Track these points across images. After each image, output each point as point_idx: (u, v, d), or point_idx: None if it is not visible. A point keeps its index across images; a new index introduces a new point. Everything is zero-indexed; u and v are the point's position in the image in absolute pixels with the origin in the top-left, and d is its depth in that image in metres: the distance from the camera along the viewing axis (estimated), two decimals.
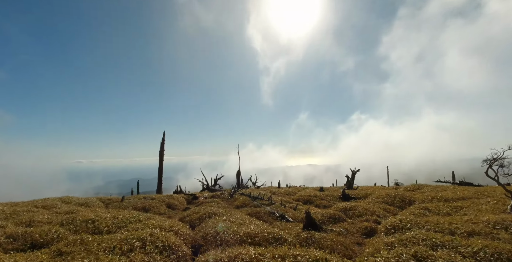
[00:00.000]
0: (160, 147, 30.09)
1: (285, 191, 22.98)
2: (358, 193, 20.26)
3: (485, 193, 15.39)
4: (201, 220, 11.62)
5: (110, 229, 8.99)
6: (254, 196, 18.02)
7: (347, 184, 26.08)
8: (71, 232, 8.73)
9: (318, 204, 17.55)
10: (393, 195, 16.74)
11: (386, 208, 14.64)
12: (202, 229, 9.86)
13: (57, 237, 8.13)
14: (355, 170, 26.45)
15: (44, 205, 13.88)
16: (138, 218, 10.31)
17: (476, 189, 17.16)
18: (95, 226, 9.16)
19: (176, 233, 8.80)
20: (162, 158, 30.09)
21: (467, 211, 12.05)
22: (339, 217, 12.32)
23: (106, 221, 9.56)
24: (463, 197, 15.00)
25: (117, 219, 9.85)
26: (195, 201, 19.68)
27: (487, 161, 11.84)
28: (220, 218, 10.89)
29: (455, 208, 12.75)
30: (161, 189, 29.26)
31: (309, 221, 9.91)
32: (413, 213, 12.15)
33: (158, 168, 29.93)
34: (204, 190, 30.53)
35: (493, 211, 11.41)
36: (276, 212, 13.37)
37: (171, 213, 15.43)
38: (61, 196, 17.74)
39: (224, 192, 22.77)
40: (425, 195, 16.50)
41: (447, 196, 15.54)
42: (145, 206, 15.72)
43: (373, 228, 10.63)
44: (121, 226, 9.27)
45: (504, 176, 12.07)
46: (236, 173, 33.64)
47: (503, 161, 11.65)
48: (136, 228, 8.88)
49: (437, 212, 12.19)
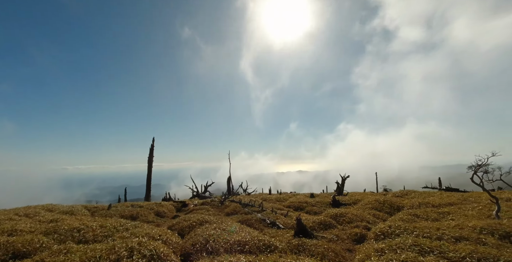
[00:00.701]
0: (149, 153, 29.62)
1: (276, 198, 22.90)
2: (348, 199, 20.38)
3: (471, 198, 15.74)
4: (191, 228, 11.41)
5: (96, 238, 8.73)
6: (245, 203, 17.87)
7: (337, 190, 26.21)
8: (55, 241, 8.42)
9: (309, 211, 17.54)
10: (382, 201, 16.93)
11: (375, 214, 14.76)
12: (192, 237, 9.67)
13: (40, 247, 7.82)
14: (345, 176, 26.65)
15: (27, 213, 13.37)
16: (126, 226, 10.05)
17: (462, 194, 17.55)
18: (80, 235, 8.87)
19: (165, 242, 8.61)
20: (151, 164, 29.59)
21: (454, 216, 12.27)
22: (330, 224, 12.33)
23: (92, 229, 9.27)
24: (450, 203, 15.30)
25: (104, 227, 9.58)
26: (185, 209, 19.36)
27: (472, 167, 12.15)
28: (210, 226, 10.72)
29: (443, 213, 12.96)
30: (149, 196, 28.68)
31: (300, 227, 9.88)
32: (402, 218, 12.29)
33: (147, 174, 29.40)
34: (194, 197, 30.08)
35: (479, 216, 11.67)
36: (267, 219, 13.27)
37: (159, 221, 15.10)
38: (44, 203, 17.15)
39: (214, 199, 22.50)
40: (413, 201, 16.75)
41: (434, 201, 15.81)
42: (132, 214, 15.34)
43: (363, 234, 10.68)
44: (108, 235, 9.01)
45: (489, 181, 12.40)
46: (227, 180, 33.37)
47: (487, 167, 11.97)
48: (123, 236, 8.64)
49: (425, 218, 12.36)
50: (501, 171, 13.50)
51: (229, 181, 33.27)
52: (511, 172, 13.84)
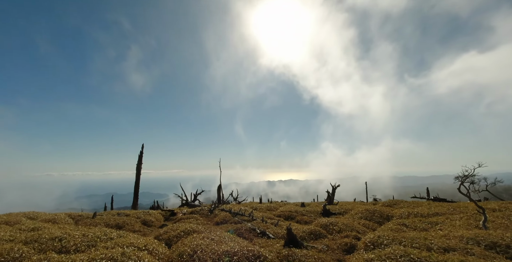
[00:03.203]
0: (138, 160, 29.05)
1: (266, 207, 22.66)
2: (339, 208, 20.36)
3: (458, 209, 15.95)
4: (178, 238, 11.11)
5: (78, 247, 8.39)
6: (235, 212, 17.60)
7: (327, 199, 26.17)
8: (35, 251, 8.05)
9: (299, 220, 17.40)
10: (371, 210, 16.97)
11: (365, 223, 14.76)
12: (179, 247, 9.40)
13: (20, 256, 7.46)
14: (335, 185, 26.67)
15: (7, 221, 12.80)
16: (110, 235, 9.71)
17: (449, 205, 17.77)
18: (62, 245, 8.51)
19: (151, 252, 8.34)
20: (139, 171, 28.98)
21: (442, 226, 12.37)
22: (320, 233, 12.23)
23: (75, 239, 8.92)
24: (437, 213, 15.45)
25: (87, 236, 9.23)
26: (173, 217, 18.91)
27: (459, 178, 12.39)
28: (199, 236, 10.47)
29: (431, 223, 13.06)
30: (137, 204, 27.96)
31: (291, 237, 9.75)
32: (391, 228, 12.31)
33: (135, 182, 28.73)
34: (183, 205, 29.48)
35: (467, 226, 11.80)
36: (257, 229, 13.08)
37: (146, 230, 14.68)
38: (26, 211, 16.47)
39: (204, 207, 22.09)
40: (402, 211, 16.85)
41: (422, 211, 15.95)
42: (118, 223, 14.88)
43: (353, 244, 10.62)
44: (91, 244, 8.68)
45: (475, 192, 12.65)
46: (217, 188, 32.92)
47: (474, 178, 12.22)
48: (107, 246, 8.33)
49: (413, 228, 12.42)
50: (487, 181, 13.82)
51: (219, 189, 32.84)
52: (496, 183, 14.16)
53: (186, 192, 30.73)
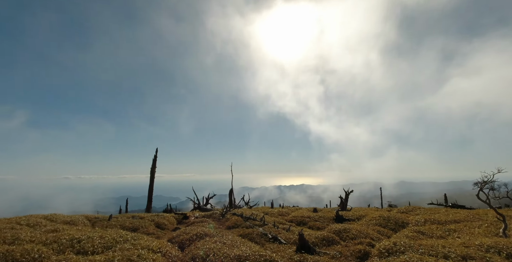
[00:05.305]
0: (152, 164, 29.61)
1: (278, 212, 22.55)
2: (352, 214, 20.02)
3: (477, 216, 15.40)
4: (191, 241, 11.25)
5: (96, 249, 8.65)
6: (247, 216, 17.63)
7: (340, 205, 25.78)
8: (54, 252, 8.36)
9: (311, 226, 17.22)
10: (386, 217, 16.59)
11: (379, 230, 14.45)
12: (192, 250, 9.54)
13: (39, 257, 7.76)
14: (348, 190, 26.26)
15: (28, 223, 13.32)
16: (126, 238, 9.96)
17: (468, 211, 17.18)
18: (80, 246, 8.80)
19: (164, 255, 8.50)
20: (153, 175, 29.52)
21: (460, 234, 11.98)
22: (333, 239, 12.08)
23: (92, 240, 9.21)
24: (455, 220, 14.96)
25: (104, 238, 9.50)
26: (186, 221, 19.13)
27: (478, 184, 11.98)
28: (211, 239, 10.58)
29: (448, 231, 12.67)
30: (150, 207, 28.42)
31: (303, 243, 9.71)
32: (407, 235, 12.02)
33: (149, 185, 29.26)
34: (195, 209, 29.76)
35: (486, 234, 11.38)
36: (269, 234, 13.06)
37: (160, 233, 14.92)
38: (46, 213, 17.08)
39: (216, 211, 22.24)
40: (418, 218, 16.41)
41: (440, 218, 15.47)
42: (133, 226, 15.20)
43: (367, 251, 10.44)
44: (108, 246, 8.93)
45: (495, 199, 12.19)
46: (229, 192, 33.06)
47: (493, 184, 11.80)
48: (123, 248, 8.56)
49: (430, 235, 12.08)
50: (507, 187, 13.29)
51: (231, 193, 32.96)
52: None
53: (198, 196, 31.03)
